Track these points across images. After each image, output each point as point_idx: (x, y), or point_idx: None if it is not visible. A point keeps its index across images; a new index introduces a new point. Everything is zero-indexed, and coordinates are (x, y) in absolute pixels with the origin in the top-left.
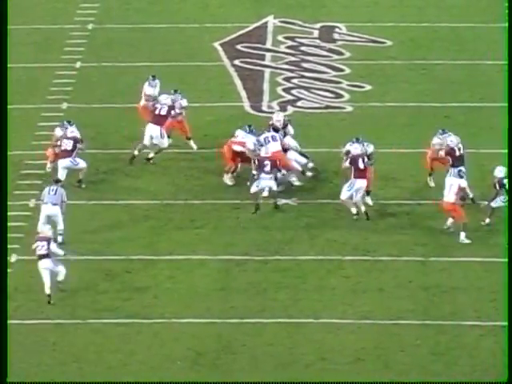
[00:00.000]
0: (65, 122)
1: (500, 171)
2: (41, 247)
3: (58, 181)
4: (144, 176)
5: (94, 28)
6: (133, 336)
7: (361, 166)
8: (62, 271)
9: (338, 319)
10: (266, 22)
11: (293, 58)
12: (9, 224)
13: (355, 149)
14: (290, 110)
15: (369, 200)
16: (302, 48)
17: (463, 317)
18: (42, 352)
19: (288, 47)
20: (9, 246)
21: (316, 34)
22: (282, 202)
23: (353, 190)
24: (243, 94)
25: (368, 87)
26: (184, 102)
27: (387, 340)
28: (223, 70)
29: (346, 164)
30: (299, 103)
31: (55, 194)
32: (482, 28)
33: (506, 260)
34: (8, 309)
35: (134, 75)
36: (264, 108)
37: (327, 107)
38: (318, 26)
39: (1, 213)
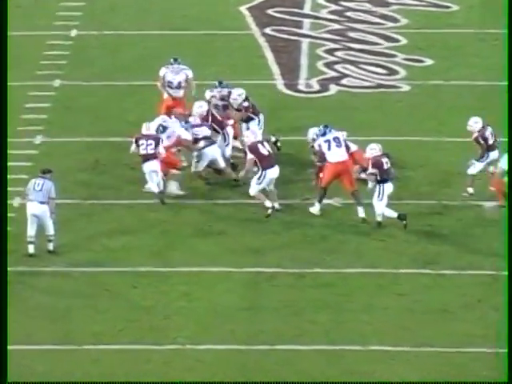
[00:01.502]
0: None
1: (476, 122)
2: (146, 146)
3: (46, 172)
4: None
5: None
6: (140, 365)
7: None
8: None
9: (390, 346)
10: None
11: (337, 26)
12: None
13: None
14: (334, 89)
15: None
16: (348, 13)
17: None
18: None
19: (331, 12)
20: None
21: None
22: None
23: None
24: (275, 69)
25: (428, 62)
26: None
27: (451, 371)
28: (251, 40)
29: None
30: (344, 81)
31: (41, 189)
32: None
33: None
34: None
35: (142, 46)
36: (301, 87)
37: (379, 86)
38: None
39: (1, 215)
